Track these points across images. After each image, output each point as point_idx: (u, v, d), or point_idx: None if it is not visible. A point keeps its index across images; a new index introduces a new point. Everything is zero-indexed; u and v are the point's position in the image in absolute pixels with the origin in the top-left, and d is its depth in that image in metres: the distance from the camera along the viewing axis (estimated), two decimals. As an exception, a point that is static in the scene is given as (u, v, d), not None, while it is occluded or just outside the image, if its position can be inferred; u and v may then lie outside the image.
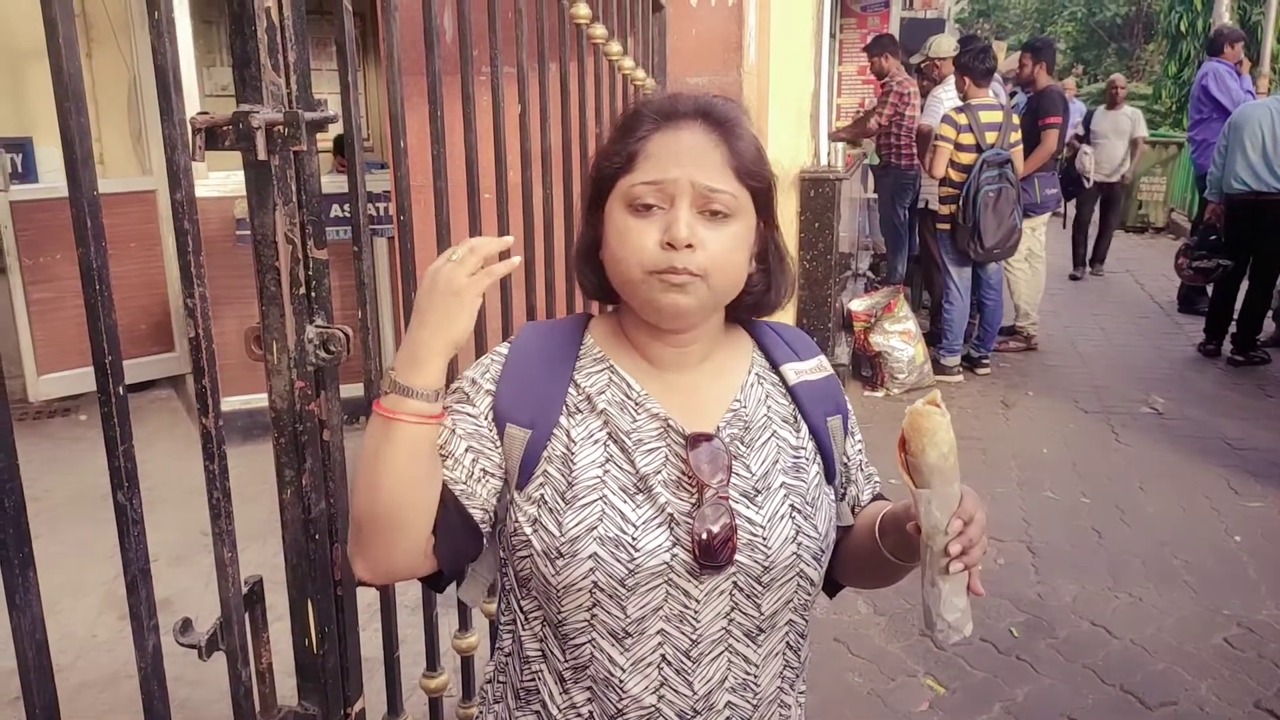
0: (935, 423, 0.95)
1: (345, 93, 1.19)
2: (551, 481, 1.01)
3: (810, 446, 1.09)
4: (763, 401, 1.08)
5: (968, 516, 0.94)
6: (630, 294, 1.02)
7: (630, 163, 1.01)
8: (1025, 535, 3.70)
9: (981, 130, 5.35)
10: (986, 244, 5.39)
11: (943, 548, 0.94)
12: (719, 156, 1.00)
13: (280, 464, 1.12)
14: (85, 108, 0.79)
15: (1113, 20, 23.72)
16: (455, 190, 1.51)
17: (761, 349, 1.13)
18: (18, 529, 0.76)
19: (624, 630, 0.99)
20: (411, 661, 1.62)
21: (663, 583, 0.98)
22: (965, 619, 0.97)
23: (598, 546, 0.97)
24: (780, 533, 1.01)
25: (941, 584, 0.96)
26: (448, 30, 2.74)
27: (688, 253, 0.96)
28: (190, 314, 0.95)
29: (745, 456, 1.04)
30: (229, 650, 1.06)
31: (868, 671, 2.82)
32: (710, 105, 1.03)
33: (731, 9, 3.10)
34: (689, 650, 1.00)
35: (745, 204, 1.02)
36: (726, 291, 1.03)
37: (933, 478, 0.95)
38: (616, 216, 1.01)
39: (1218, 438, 4.71)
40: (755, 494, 1.02)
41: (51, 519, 3.74)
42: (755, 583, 1.01)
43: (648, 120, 1.02)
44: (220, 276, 4.41)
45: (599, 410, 1.03)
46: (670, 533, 0.98)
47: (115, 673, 2.76)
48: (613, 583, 0.97)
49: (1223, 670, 2.82)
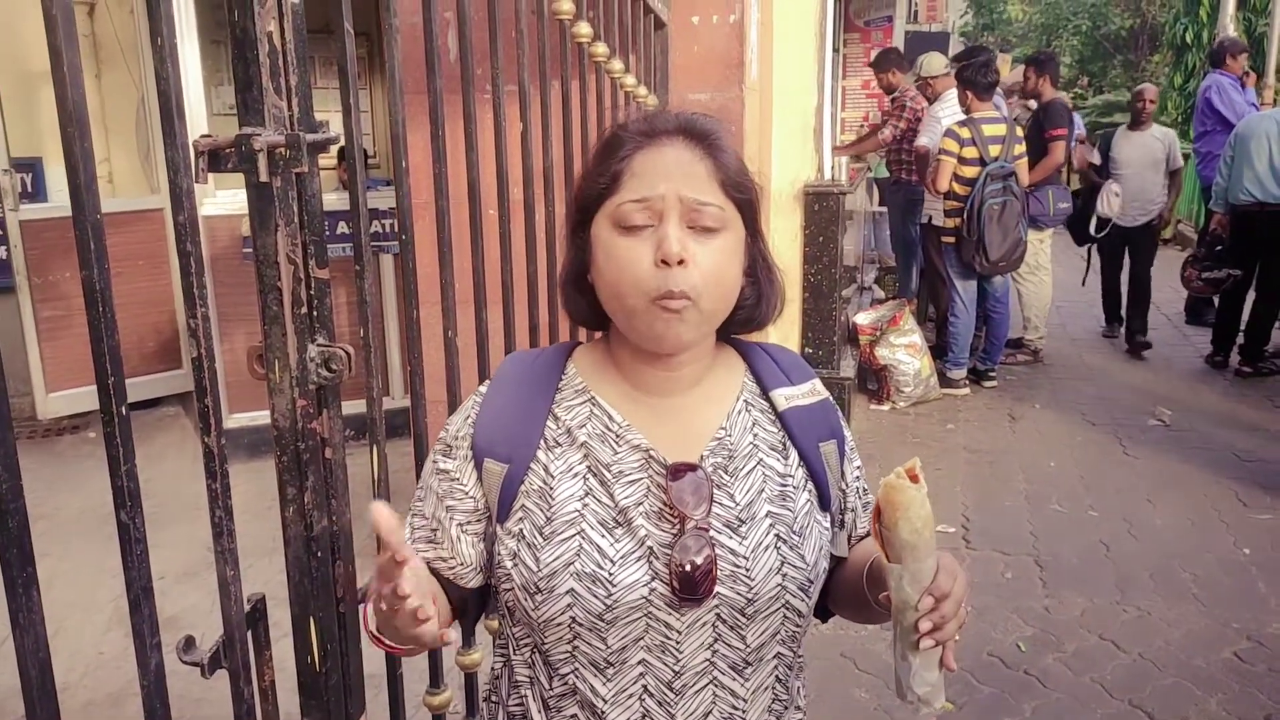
0: (909, 497, 0.92)
1: (347, 114, 1.21)
2: (530, 516, 1.01)
3: (800, 474, 1.07)
4: (749, 430, 1.06)
5: (940, 594, 0.91)
6: (625, 320, 1.00)
7: (615, 183, 1.00)
8: (1033, 549, 3.69)
9: (985, 143, 5.37)
10: (992, 257, 5.39)
11: (913, 623, 0.92)
12: (704, 170, 0.99)
13: (283, 482, 1.13)
14: (89, 133, 0.80)
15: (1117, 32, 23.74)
16: (458, 208, 1.52)
17: (753, 374, 1.11)
18: (21, 549, 0.76)
19: (605, 660, 0.98)
20: (415, 678, 1.62)
21: (642, 615, 0.97)
22: (936, 692, 0.95)
23: (574, 582, 0.96)
24: (764, 564, 1.00)
25: (912, 658, 0.94)
26: (450, 49, 2.77)
27: (680, 270, 0.95)
28: (193, 334, 0.96)
29: (729, 486, 1.02)
30: (231, 668, 1.06)
31: (875, 687, 2.81)
32: (690, 121, 1.03)
33: (733, 26, 3.11)
34: (671, 682, 0.99)
35: (733, 216, 1.01)
36: (720, 308, 1.02)
37: (904, 553, 0.92)
38: (605, 237, 1.00)
39: (1226, 450, 4.69)
40: (739, 524, 1.00)
41: (60, 536, 3.76)
42: (739, 615, 0.99)
43: (629, 140, 1.02)
44: (228, 293, 4.45)
45: (579, 443, 1.02)
46: (649, 566, 0.97)
47: (121, 690, 2.77)
48: (590, 617, 0.96)
49: (1233, 685, 2.81)
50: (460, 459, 1.06)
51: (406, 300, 1.42)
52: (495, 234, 1.72)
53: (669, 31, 2.93)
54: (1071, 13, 24.79)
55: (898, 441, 4.95)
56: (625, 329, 1.02)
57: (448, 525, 1.05)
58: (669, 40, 2.93)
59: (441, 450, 1.08)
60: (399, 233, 1.40)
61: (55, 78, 0.78)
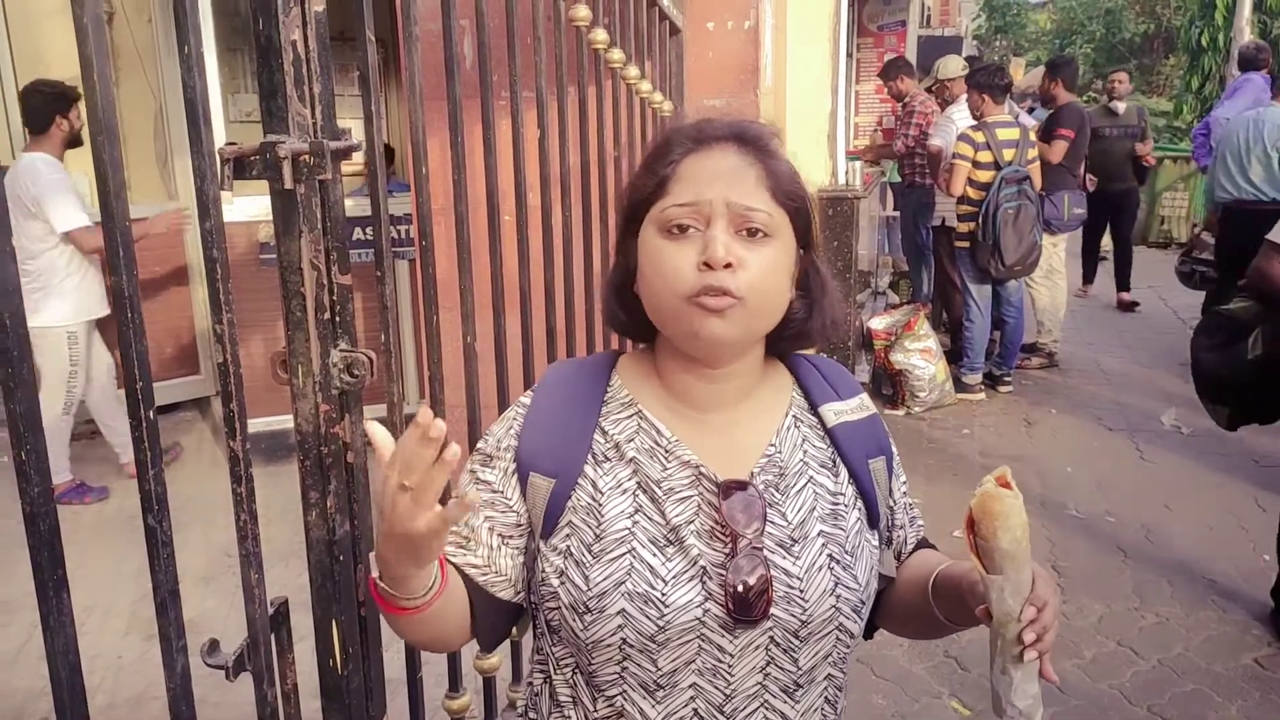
0: (1008, 506, 0.90)
1: (369, 122, 1.22)
2: (578, 533, 0.98)
3: (850, 492, 1.04)
4: (799, 446, 1.04)
5: (1041, 603, 0.90)
6: (668, 323, 0.98)
7: (662, 187, 0.98)
8: (1050, 555, 3.67)
9: (999, 147, 5.35)
10: (1008, 261, 5.36)
11: (1016, 635, 0.90)
12: (754, 176, 0.97)
13: (305, 486, 1.14)
14: (119, 142, 0.82)
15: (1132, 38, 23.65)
16: (476, 213, 1.53)
17: (801, 388, 1.08)
18: (52, 552, 0.77)
19: (655, 683, 0.95)
20: (434, 683, 1.63)
21: (695, 638, 0.94)
22: (1037, 705, 0.93)
23: (626, 603, 0.93)
24: (818, 584, 0.97)
25: (1014, 671, 0.92)
26: (468, 56, 2.78)
27: (726, 273, 0.92)
28: (219, 340, 0.97)
29: (781, 504, 0.99)
30: (255, 671, 1.07)
31: (892, 693, 2.80)
32: (743, 127, 1.01)
33: (748, 32, 3.12)
34: (722, 705, 0.96)
35: (783, 225, 0.98)
36: (767, 317, 0.98)
37: (1006, 564, 0.90)
38: (650, 241, 0.97)
39: (1244, 455, 4.65)
40: (791, 544, 0.98)
41: (79, 540, 3.78)
42: (793, 637, 0.96)
43: (679, 144, 1.00)
44: (245, 299, 4.47)
45: (628, 459, 1.00)
46: (703, 587, 0.94)
47: (141, 693, 2.78)
48: (642, 639, 0.93)
49: (1253, 691, 2.78)
50: (502, 471, 1.02)
51: (425, 305, 1.43)
52: (513, 239, 1.73)
53: (684, 37, 2.94)
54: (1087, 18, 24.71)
55: (913, 447, 4.93)
56: (669, 333, 1.00)
57: (485, 535, 1.02)
58: (684, 46, 2.94)
59: (481, 460, 1.04)
60: (418, 238, 1.41)
61: (85, 87, 0.79)
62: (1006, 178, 5.32)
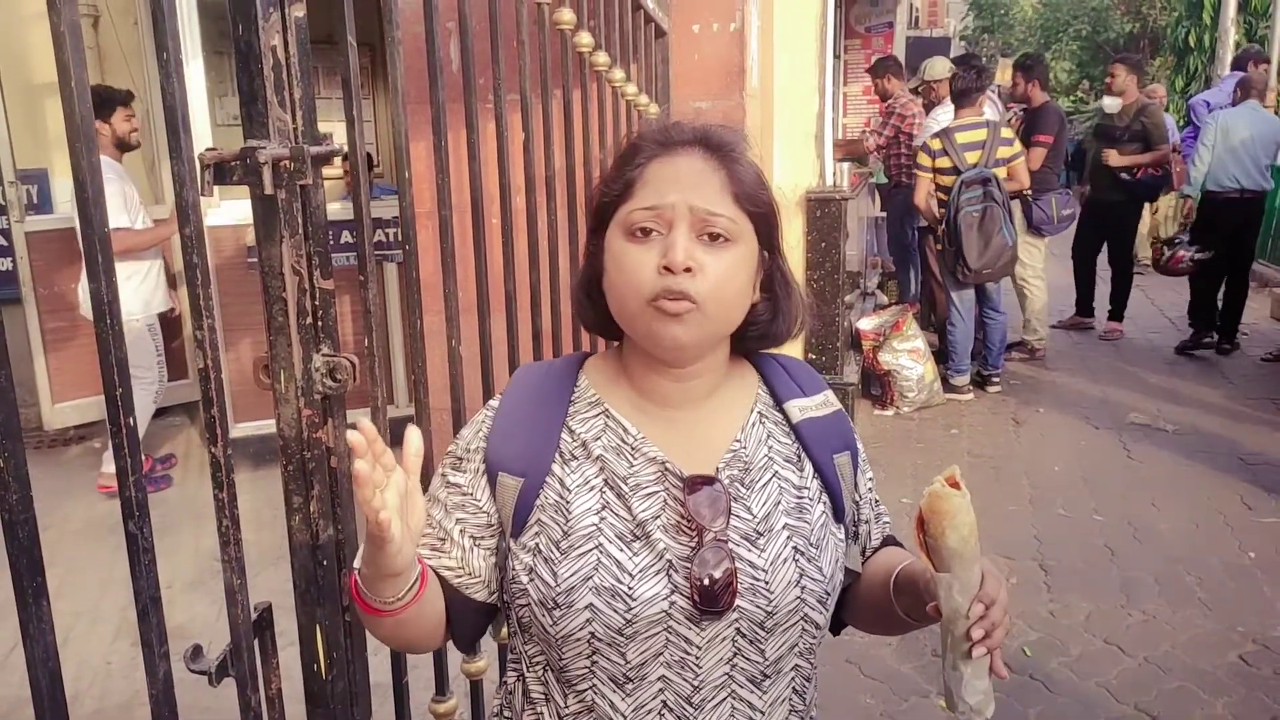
0: (954, 505, 0.92)
1: (351, 126, 1.22)
2: (546, 530, 0.99)
3: (815, 486, 1.06)
4: (764, 442, 1.06)
5: (989, 600, 0.92)
6: (629, 323, 1.00)
7: (628, 190, 1.00)
8: (1037, 553, 3.68)
9: (959, 151, 5.29)
10: (972, 265, 5.26)
11: (964, 632, 0.92)
12: (718, 181, 0.98)
13: (288, 491, 1.14)
14: (96, 148, 0.81)
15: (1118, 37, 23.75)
16: (461, 217, 1.53)
17: (766, 385, 1.10)
18: (30, 559, 0.77)
19: (625, 676, 0.97)
20: (421, 687, 1.63)
21: (662, 630, 0.96)
22: (987, 700, 0.95)
23: (594, 597, 0.95)
24: (783, 576, 0.99)
25: (963, 667, 0.94)
26: (453, 59, 2.78)
27: (685, 277, 0.94)
28: (200, 346, 0.97)
29: (746, 498, 1.01)
30: (239, 676, 1.07)
31: (880, 693, 2.81)
32: (709, 132, 1.02)
33: (734, 34, 3.13)
34: (690, 696, 0.98)
35: (746, 230, 1.00)
36: (726, 320, 1.01)
37: (953, 562, 0.92)
38: (614, 244, 1.00)
39: (1231, 453, 4.68)
40: (757, 537, 1.00)
41: (66, 547, 3.77)
42: (758, 628, 0.98)
43: (646, 148, 1.02)
44: (232, 303, 4.47)
45: (595, 456, 1.02)
46: (669, 579, 0.96)
47: (129, 700, 2.77)
48: (610, 632, 0.95)
49: (1238, 688, 2.80)
50: (472, 473, 1.04)
51: (410, 309, 1.43)
52: (498, 242, 1.73)
53: (670, 40, 2.94)
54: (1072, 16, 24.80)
55: (902, 447, 4.95)
56: (631, 334, 1.02)
57: (458, 536, 1.04)
58: (670, 49, 2.95)
59: (451, 464, 1.07)
60: (403, 242, 1.41)
61: (63, 94, 0.79)
62: (967, 180, 5.23)
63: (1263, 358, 6.30)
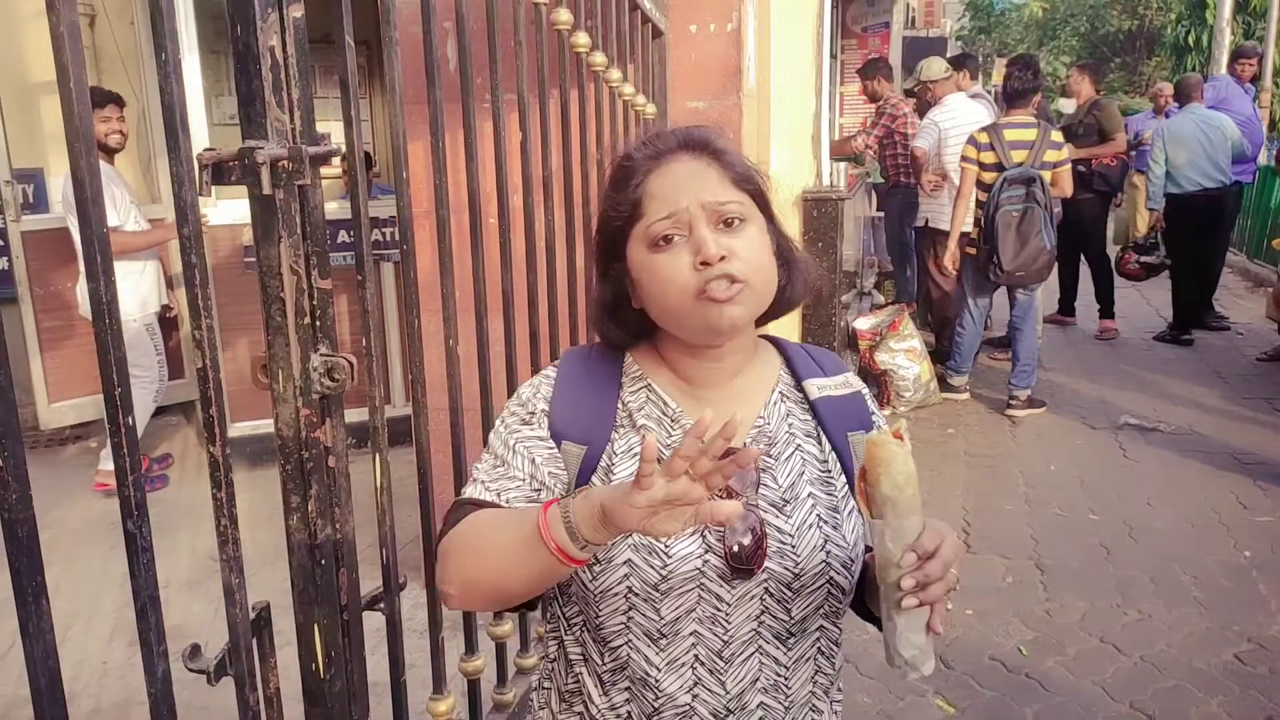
0: (890, 452, 0.94)
1: (348, 126, 1.22)
2: None
3: (833, 460, 1.12)
4: (785, 418, 1.13)
5: (924, 551, 0.93)
6: (681, 321, 1.05)
7: (637, 209, 1.06)
8: (1033, 553, 3.69)
9: (1005, 148, 5.12)
10: (1006, 266, 5.07)
11: (895, 581, 0.93)
12: (715, 174, 1.06)
13: (286, 490, 1.14)
14: (95, 148, 0.82)
15: (1115, 35, 23.77)
16: (458, 216, 1.53)
17: (789, 367, 1.17)
18: (31, 558, 0.77)
19: (659, 631, 1.04)
20: (419, 685, 1.64)
21: (695, 587, 1.03)
22: (924, 657, 0.95)
23: (632, 553, 1.02)
24: (809, 540, 1.05)
25: (897, 618, 0.94)
26: (450, 59, 2.78)
27: (723, 264, 1.00)
28: (198, 345, 0.98)
29: (772, 469, 1.08)
30: (237, 675, 1.07)
31: (876, 691, 2.81)
32: (689, 134, 1.10)
33: (730, 34, 3.13)
34: (720, 651, 1.04)
35: (751, 207, 1.07)
36: (768, 289, 1.07)
37: (885, 509, 0.94)
38: (642, 259, 1.05)
39: (1226, 453, 4.70)
40: (784, 504, 1.07)
41: (63, 547, 3.77)
42: (785, 589, 1.05)
43: (640, 166, 1.08)
44: (230, 303, 4.46)
45: (638, 425, 1.09)
46: (703, 540, 1.03)
47: (126, 699, 2.77)
48: (646, 587, 1.02)
49: (1234, 687, 2.81)
50: (543, 429, 1.09)
51: (407, 309, 1.43)
52: (496, 242, 1.74)
53: (667, 40, 2.94)
54: (1069, 14, 24.84)
55: (898, 446, 4.95)
56: (682, 331, 1.07)
57: (550, 483, 1.07)
58: (667, 49, 2.95)
59: (522, 419, 1.11)
60: (400, 242, 1.41)
61: (62, 94, 0.79)
62: (1010, 178, 5.05)
63: (1258, 357, 6.33)
